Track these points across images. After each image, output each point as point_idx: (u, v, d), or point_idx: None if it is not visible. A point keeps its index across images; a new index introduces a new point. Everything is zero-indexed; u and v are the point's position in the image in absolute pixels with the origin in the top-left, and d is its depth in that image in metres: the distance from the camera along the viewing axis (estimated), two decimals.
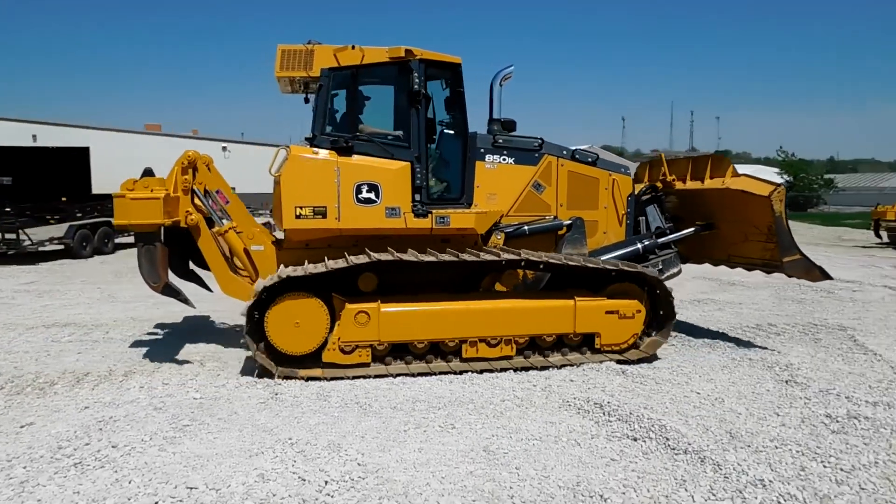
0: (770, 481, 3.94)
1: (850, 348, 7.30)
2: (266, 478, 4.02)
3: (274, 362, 6.09)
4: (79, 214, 18.29)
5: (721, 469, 4.11)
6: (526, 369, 6.36)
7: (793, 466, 4.19)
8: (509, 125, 7.38)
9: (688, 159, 8.33)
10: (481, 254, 6.43)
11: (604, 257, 7.16)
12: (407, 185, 6.69)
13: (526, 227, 7.31)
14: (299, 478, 4.02)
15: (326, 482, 3.97)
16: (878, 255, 17.91)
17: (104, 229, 17.85)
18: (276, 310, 6.04)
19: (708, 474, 4.08)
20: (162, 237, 6.54)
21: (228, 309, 9.60)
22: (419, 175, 6.75)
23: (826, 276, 7.09)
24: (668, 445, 4.52)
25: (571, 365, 6.47)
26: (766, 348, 7.35)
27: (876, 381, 6.06)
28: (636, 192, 8.04)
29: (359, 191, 6.56)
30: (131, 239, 19.96)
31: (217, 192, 6.97)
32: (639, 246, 7.66)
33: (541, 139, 7.43)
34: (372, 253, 6.24)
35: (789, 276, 7.47)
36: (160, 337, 8.05)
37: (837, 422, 4.98)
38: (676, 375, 6.27)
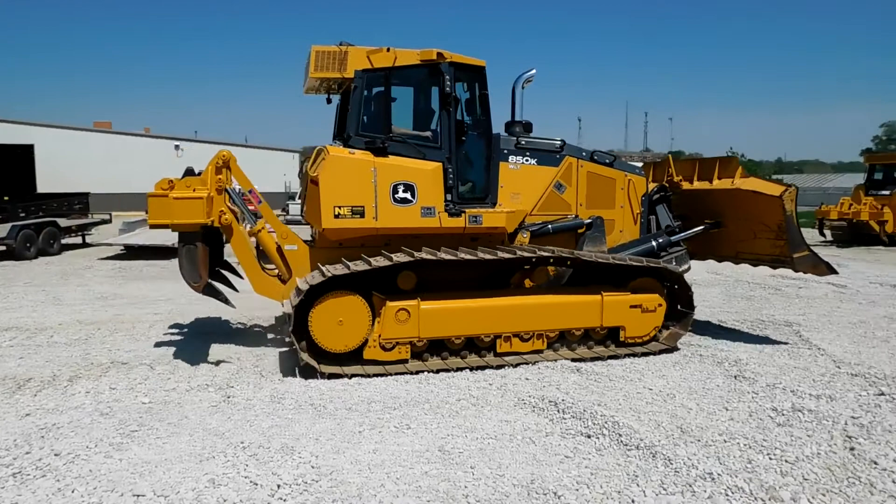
0: (718, 474, 4.05)
1: (796, 343, 7.56)
2: (217, 483, 3.93)
3: (317, 361, 6.16)
4: (22, 214, 17.57)
5: (672, 463, 4.20)
6: (535, 363, 6.53)
7: (740, 459, 4.31)
8: (528, 127, 7.47)
9: (693, 161, 8.89)
10: (537, 251, 6.64)
11: (621, 254, 7.38)
12: (440, 185, 6.79)
13: (550, 226, 7.50)
14: (251, 482, 3.95)
15: (279, 486, 3.91)
16: (822, 252, 18.34)
17: (49, 230, 17.22)
18: (321, 308, 6.10)
19: (659, 469, 4.16)
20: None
21: (174, 311, 9.40)
22: (450, 175, 6.83)
23: (832, 270, 7.51)
24: (621, 441, 4.59)
25: (601, 358, 6.78)
26: (716, 344, 7.54)
27: (819, 375, 6.28)
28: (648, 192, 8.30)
29: (395, 191, 6.62)
30: (79, 240, 19.51)
31: (250, 191, 6.96)
32: (653, 244, 7.88)
33: (562, 141, 7.60)
34: (434, 251, 6.33)
35: (797, 271, 7.86)
36: (108, 340, 7.79)
37: (783, 415, 5.14)
38: (629, 372, 6.38)
